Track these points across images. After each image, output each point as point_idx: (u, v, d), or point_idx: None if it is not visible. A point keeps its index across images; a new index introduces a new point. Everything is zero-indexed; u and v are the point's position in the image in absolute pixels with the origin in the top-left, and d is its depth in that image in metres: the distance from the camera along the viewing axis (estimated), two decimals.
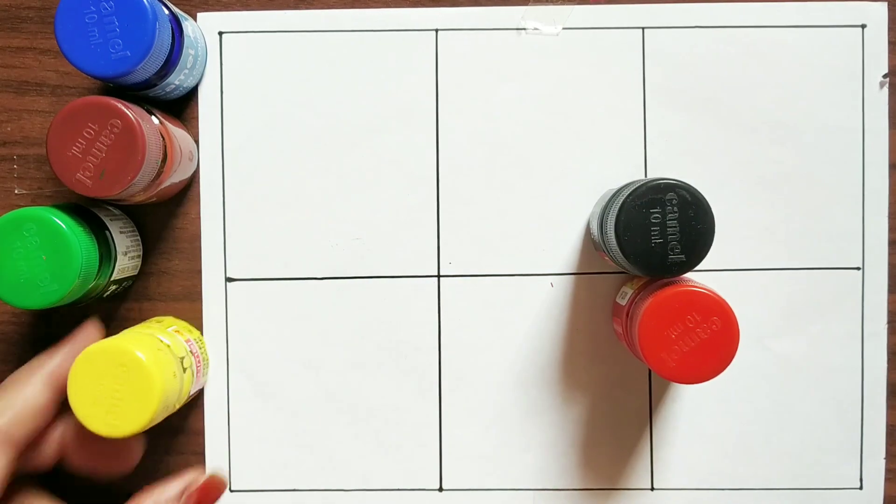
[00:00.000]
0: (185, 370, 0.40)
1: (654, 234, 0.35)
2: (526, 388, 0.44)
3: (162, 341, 0.40)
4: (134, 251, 0.43)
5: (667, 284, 0.37)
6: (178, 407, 0.41)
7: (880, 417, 0.44)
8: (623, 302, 0.41)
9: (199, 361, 0.42)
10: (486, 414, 0.45)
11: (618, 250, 0.36)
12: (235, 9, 0.45)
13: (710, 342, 0.35)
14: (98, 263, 0.39)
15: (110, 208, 0.43)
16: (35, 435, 0.39)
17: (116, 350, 0.37)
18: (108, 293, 0.41)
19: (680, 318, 0.35)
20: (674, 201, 0.35)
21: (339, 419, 0.45)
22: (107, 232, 0.41)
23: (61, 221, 0.37)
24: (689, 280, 0.37)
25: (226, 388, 0.45)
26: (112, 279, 0.41)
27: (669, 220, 0.35)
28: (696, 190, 0.35)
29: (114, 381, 0.37)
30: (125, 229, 0.43)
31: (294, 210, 0.44)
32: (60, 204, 0.40)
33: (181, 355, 0.40)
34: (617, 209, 0.36)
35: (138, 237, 0.44)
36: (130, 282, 0.44)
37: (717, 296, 0.35)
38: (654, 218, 0.35)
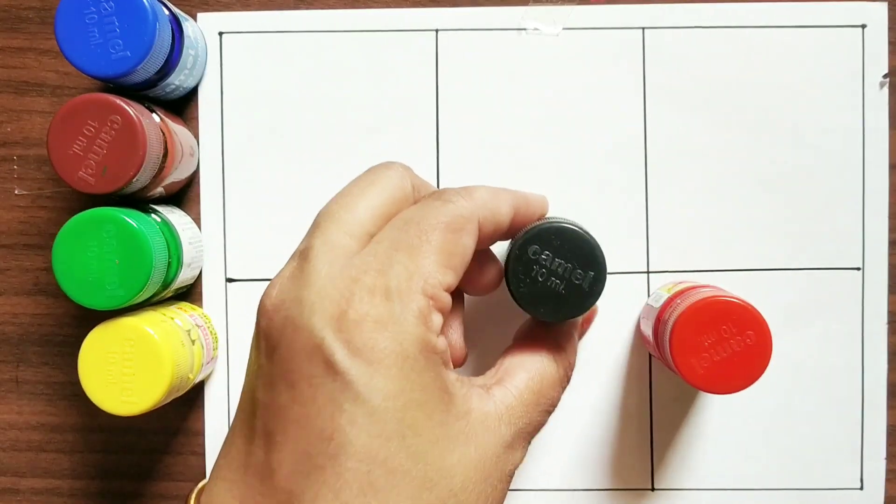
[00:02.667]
0: (193, 342, 0.40)
1: (554, 281, 0.34)
2: None
3: (165, 315, 0.40)
4: (196, 262, 0.43)
5: (706, 293, 0.37)
6: (193, 380, 0.41)
7: (881, 418, 0.44)
8: (656, 305, 0.41)
9: (206, 334, 0.42)
10: None
11: (537, 311, 0.35)
12: (235, 9, 0.45)
13: (742, 355, 0.35)
14: (165, 275, 0.39)
15: (183, 213, 0.43)
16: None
17: (121, 327, 0.37)
18: (157, 298, 0.41)
19: (715, 327, 0.35)
20: (549, 243, 0.34)
21: None
22: (178, 241, 0.41)
23: (143, 229, 0.37)
24: (728, 292, 0.38)
25: (226, 388, 0.45)
26: (170, 288, 0.41)
27: (556, 262, 0.34)
28: (559, 222, 0.34)
29: (123, 358, 0.37)
30: (193, 240, 0.43)
31: (294, 210, 0.44)
32: (139, 206, 0.40)
33: (187, 328, 0.40)
34: (507, 276, 0.35)
35: (202, 246, 0.44)
36: (185, 289, 0.44)
37: (756, 310, 0.36)
38: (541, 268, 0.34)
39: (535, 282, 0.34)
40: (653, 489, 0.44)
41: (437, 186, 0.44)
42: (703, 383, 0.35)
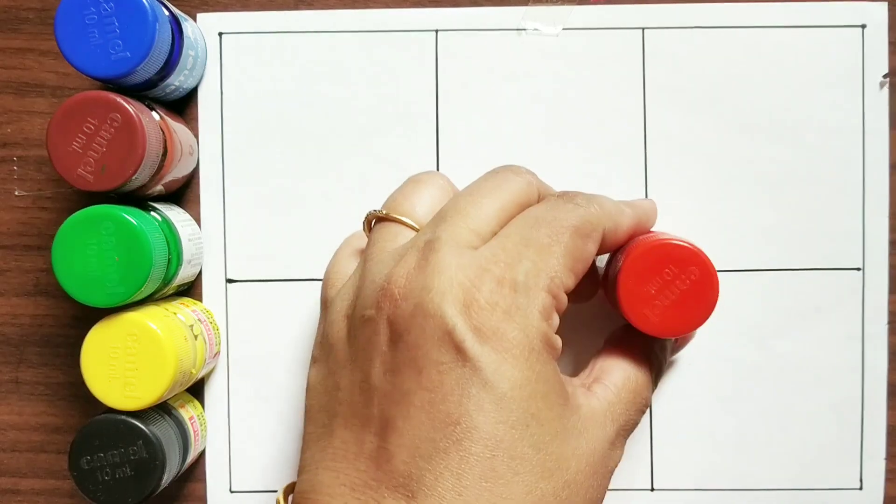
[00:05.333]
0: (196, 337, 0.40)
1: (121, 471, 0.38)
2: None
3: (168, 310, 0.40)
4: (196, 259, 0.43)
5: (640, 241, 0.36)
6: (195, 375, 0.41)
7: (881, 418, 0.44)
8: (602, 265, 0.41)
9: (209, 330, 0.43)
10: None
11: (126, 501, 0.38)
12: (235, 9, 0.45)
13: (691, 292, 0.35)
14: (166, 272, 0.39)
15: (181, 210, 0.43)
16: None
17: (124, 322, 0.38)
18: (158, 296, 0.41)
19: (657, 273, 0.35)
20: (93, 447, 0.38)
21: None
22: (178, 238, 0.41)
23: (142, 226, 0.37)
24: (664, 233, 0.38)
25: (226, 388, 0.45)
26: (170, 285, 0.41)
27: (109, 455, 0.38)
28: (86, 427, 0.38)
29: (126, 353, 0.37)
30: (193, 236, 0.43)
31: (294, 211, 0.45)
32: (138, 204, 0.40)
33: (190, 323, 0.41)
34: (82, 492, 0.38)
35: (202, 244, 0.44)
36: (186, 287, 0.44)
37: (693, 246, 0.35)
38: (103, 470, 0.38)
39: (107, 485, 0.38)
40: (653, 489, 0.44)
41: None
42: (660, 330, 0.35)
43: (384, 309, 0.31)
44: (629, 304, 0.35)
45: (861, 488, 0.44)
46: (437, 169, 0.44)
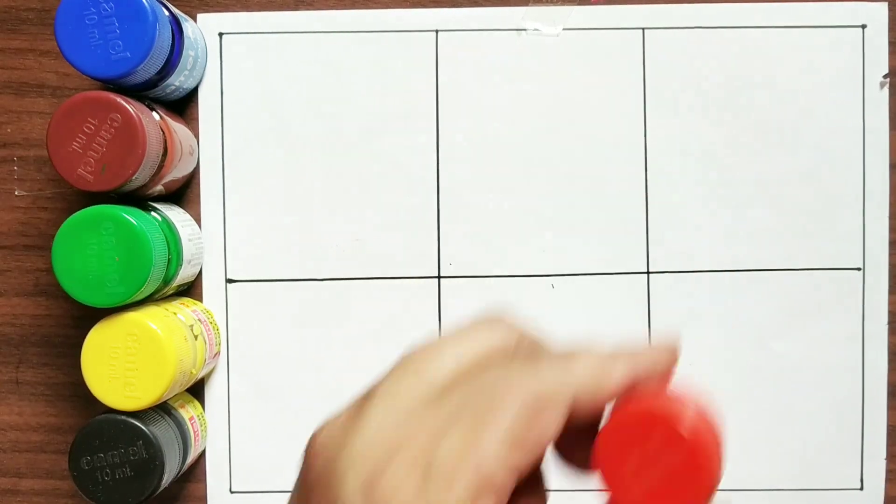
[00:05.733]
0: (196, 337, 0.40)
1: (121, 471, 0.38)
2: None
3: (168, 310, 0.40)
4: (196, 259, 0.43)
5: (629, 399, 0.27)
6: (195, 375, 0.41)
7: (881, 418, 0.44)
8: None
9: (209, 330, 0.43)
10: None
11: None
12: (235, 10, 0.45)
13: (677, 474, 0.25)
14: (166, 272, 0.39)
15: (181, 210, 0.43)
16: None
17: (125, 322, 0.38)
18: (158, 296, 0.41)
19: (637, 445, 0.25)
20: (91, 448, 0.38)
21: None
22: (178, 238, 0.41)
23: (142, 226, 0.37)
24: (669, 390, 0.27)
25: (226, 388, 0.45)
26: (170, 285, 0.41)
27: (109, 456, 0.38)
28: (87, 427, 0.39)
29: (126, 353, 0.37)
30: (193, 237, 0.43)
31: (294, 211, 0.45)
32: (138, 204, 0.40)
33: (190, 323, 0.41)
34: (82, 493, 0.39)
35: (202, 244, 0.44)
36: (185, 287, 0.44)
37: (684, 407, 0.25)
38: (103, 471, 0.38)
39: (107, 485, 0.38)
40: None
41: (437, 187, 0.44)
42: None
43: (306, 458, 0.28)
44: (608, 482, 0.26)
45: (862, 488, 0.44)
46: (438, 168, 0.44)
